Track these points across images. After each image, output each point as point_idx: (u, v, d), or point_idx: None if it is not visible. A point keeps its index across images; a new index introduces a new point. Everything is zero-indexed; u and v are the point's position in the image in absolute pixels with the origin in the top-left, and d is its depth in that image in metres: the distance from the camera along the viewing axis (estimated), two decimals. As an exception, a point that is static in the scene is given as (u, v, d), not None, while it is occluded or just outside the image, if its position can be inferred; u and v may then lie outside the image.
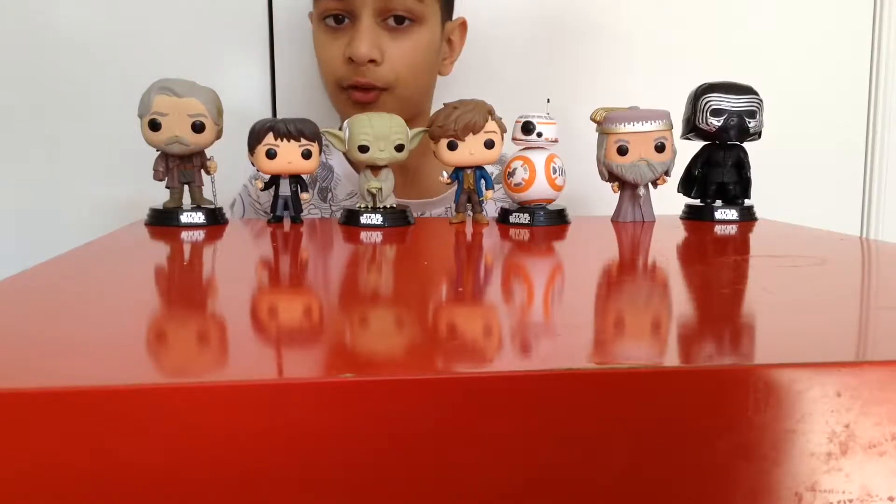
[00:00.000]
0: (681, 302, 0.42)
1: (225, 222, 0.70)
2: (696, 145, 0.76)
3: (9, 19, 1.00)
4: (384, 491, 0.26)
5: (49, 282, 0.44)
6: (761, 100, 0.72)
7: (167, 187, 0.69)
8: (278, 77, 1.05)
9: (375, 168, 0.69)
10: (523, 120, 0.71)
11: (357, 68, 0.84)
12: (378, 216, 0.69)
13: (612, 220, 0.73)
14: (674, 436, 0.27)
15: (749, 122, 0.71)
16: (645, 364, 0.27)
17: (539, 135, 0.70)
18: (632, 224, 0.72)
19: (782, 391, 0.27)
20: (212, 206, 0.70)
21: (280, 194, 0.69)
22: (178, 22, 1.02)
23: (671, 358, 0.31)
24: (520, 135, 0.71)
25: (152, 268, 0.53)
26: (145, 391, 0.25)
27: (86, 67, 1.02)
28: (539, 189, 0.71)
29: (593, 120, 0.71)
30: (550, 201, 0.72)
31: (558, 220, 0.71)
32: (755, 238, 0.66)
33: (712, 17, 1.10)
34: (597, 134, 0.72)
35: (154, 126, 0.65)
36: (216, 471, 0.25)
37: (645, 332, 0.34)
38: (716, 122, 0.71)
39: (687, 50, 1.09)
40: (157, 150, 0.68)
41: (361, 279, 0.50)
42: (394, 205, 0.71)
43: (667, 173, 0.70)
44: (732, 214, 0.73)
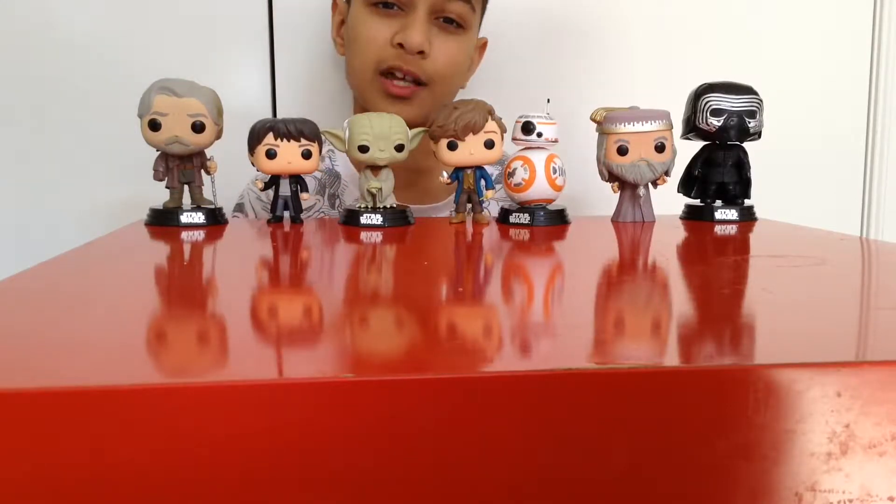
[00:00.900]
0: (681, 302, 0.42)
1: (225, 222, 0.70)
2: (696, 145, 0.76)
3: (9, 19, 1.00)
4: (384, 491, 0.26)
5: (49, 282, 0.44)
6: (761, 100, 0.72)
7: (167, 187, 0.69)
8: (278, 77, 1.05)
9: (375, 168, 0.69)
10: (523, 120, 0.71)
11: (403, 55, 0.85)
12: (378, 216, 0.69)
13: (612, 220, 0.73)
14: (674, 436, 0.27)
15: (749, 122, 0.71)
16: (645, 364, 0.27)
17: (539, 135, 0.70)
18: (632, 224, 0.72)
19: (782, 391, 0.27)
20: (212, 206, 0.70)
21: (280, 194, 0.69)
22: (178, 22, 1.02)
23: (671, 358, 0.31)
24: (520, 135, 0.71)
25: (152, 268, 0.53)
26: (145, 391, 0.25)
27: (86, 67, 1.02)
28: (539, 189, 0.71)
29: (593, 120, 0.71)
30: (550, 201, 0.72)
31: (558, 220, 0.71)
32: (755, 238, 0.66)
33: (712, 17, 1.10)
34: (597, 134, 0.72)
35: (154, 126, 0.65)
36: (216, 471, 0.25)
37: (645, 332, 0.34)
38: (716, 122, 0.71)
39: (687, 50, 1.09)
40: (157, 150, 0.68)
41: (361, 279, 0.50)
42: (394, 205, 0.71)
43: (667, 173, 0.70)
44: (732, 214, 0.73)
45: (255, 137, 0.66)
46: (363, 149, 0.67)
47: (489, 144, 0.69)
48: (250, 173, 0.93)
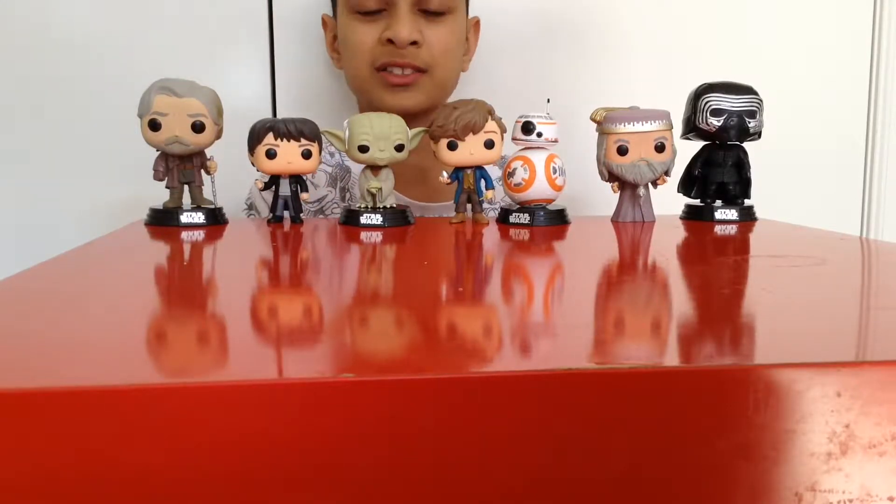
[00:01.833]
0: (681, 302, 0.42)
1: (225, 222, 0.70)
2: (696, 145, 0.76)
3: (9, 19, 1.00)
4: (384, 491, 0.26)
5: (49, 282, 0.44)
6: (761, 100, 0.72)
7: (167, 187, 0.69)
8: (278, 77, 1.05)
9: (375, 168, 0.69)
10: (523, 120, 0.71)
11: (395, 50, 0.86)
12: (378, 216, 0.69)
13: (612, 220, 0.73)
14: (674, 436, 0.27)
15: (749, 122, 0.71)
16: (645, 364, 0.27)
17: (539, 135, 0.70)
18: (632, 224, 0.72)
19: (782, 391, 0.27)
20: (212, 206, 0.70)
21: (280, 194, 0.69)
22: (178, 22, 1.02)
23: (671, 358, 0.31)
24: (520, 135, 0.71)
25: (152, 268, 0.53)
26: (145, 391, 0.25)
27: (86, 67, 1.02)
28: (539, 189, 0.71)
29: (593, 120, 0.71)
30: (550, 201, 0.72)
31: (558, 220, 0.71)
32: (755, 238, 0.66)
33: (712, 17, 1.10)
34: (597, 134, 0.72)
35: (154, 126, 0.65)
36: (216, 471, 0.25)
37: (645, 332, 0.34)
38: (716, 122, 0.71)
39: (687, 50, 1.09)
40: (157, 150, 0.68)
41: (361, 279, 0.50)
42: (394, 205, 0.71)
43: (667, 173, 0.70)
44: (732, 214, 0.73)
45: (255, 137, 0.66)
46: (363, 149, 0.67)
47: (489, 144, 0.69)
48: (250, 173, 0.92)
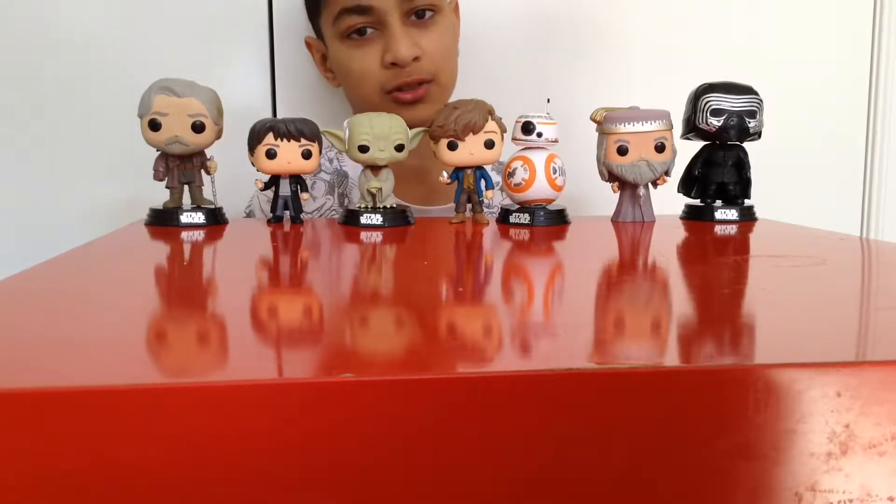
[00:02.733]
0: (681, 302, 0.42)
1: (225, 222, 0.70)
2: (696, 145, 0.76)
3: (9, 19, 1.00)
4: (384, 491, 0.26)
5: (49, 282, 0.44)
6: (761, 100, 0.72)
7: (167, 187, 0.69)
8: (278, 77, 1.05)
9: (375, 168, 0.69)
10: (523, 120, 0.71)
11: (401, 71, 0.85)
12: (378, 216, 0.69)
13: (612, 220, 0.73)
14: (674, 436, 0.27)
15: (749, 122, 0.71)
16: (645, 364, 0.27)
17: (539, 135, 0.70)
18: (632, 224, 0.72)
19: (782, 391, 0.27)
20: (212, 206, 0.70)
21: (280, 194, 0.69)
22: (178, 22, 1.02)
23: (671, 358, 0.31)
24: (520, 135, 0.71)
25: (152, 268, 0.53)
26: (145, 391, 0.25)
27: (86, 67, 1.02)
28: (539, 189, 0.71)
29: (593, 120, 0.71)
30: (550, 201, 0.72)
31: (558, 220, 0.71)
32: (755, 238, 0.66)
33: (712, 17, 1.10)
34: (597, 134, 0.72)
35: (154, 126, 0.65)
36: (216, 471, 0.25)
37: (645, 332, 0.34)
38: (716, 122, 0.71)
39: (687, 50, 1.09)
40: (157, 150, 0.68)
41: (361, 279, 0.50)
42: (394, 205, 0.71)
43: (667, 173, 0.70)
44: (732, 214, 0.73)
45: (255, 137, 0.66)
46: (363, 149, 0.67)
47: (489, 144, 0.69)
48: (250, 173, 0.92)
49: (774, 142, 0.88)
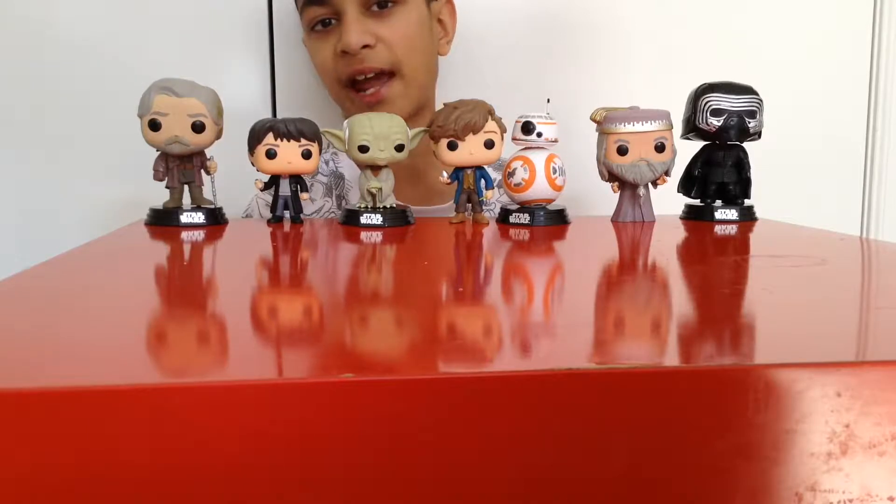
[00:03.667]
0: (681, 302, 0.42)
1: (225, 222, 0.70)
2: (696, 145, 0.76)
3: (9, 19, 1.00)
4: (384, 491, 0.26)
5: (49, 282, 0.44)
6: (761, 100, 0.72)
7: (167, 187, 0.69)
8: (278, 77, 1.05)
9: (375, 168, 0.69)
10: (523, 120, 0.71)
11: (352, 59, 0.85)
12: (378, 216, 0.69)
13: (612, 220, 0.73)
14: (674, 436, 0.27)
15: (749, 122, 0.71)
16: (645, 364, 0.27)
17: (539, 135, 0.70)
18: (632, 224, 0.72)
19: (782, 391, 0.27)
20: (212, 206, 0.70)
21: (280, 194, 0.69)
22: (178, 22, 1.02)
23: (671, 358, 0.31)
24: (520, 135, 0.71)
25: (152, 268, 0.53)
26: (145, 391, 0.25)
27: (86, 67, 1.02)
28: (539, 189, 0.71)
29: (593, 120, 0.71)
30: (550, 201, 0.72)
31: (558, 220, 0.71)
32: (755, 238, 0.66)
33: (712, 17, 1.10)
34: (597, 134, 0.72)
35: (154, 126, 0.65)
36: (217, 471, 0.25)
37: (645, 332, 0.34)
38: (716, 122, 0.71)
39: (687, 50, 1.09)
40: (157, 150, 0.68)
41: (361, 279, 0.50)
42: (394, 205, 0.71)
43: (667, 173, 0.70)
44: (732, 214, 0.73)
45: (255, 137, 0.66)
46: (363, 149, 0.67)
47: (489, 144, 0.69)
48: (250, 173, 0.93)
49: (774, 142, 0.88)
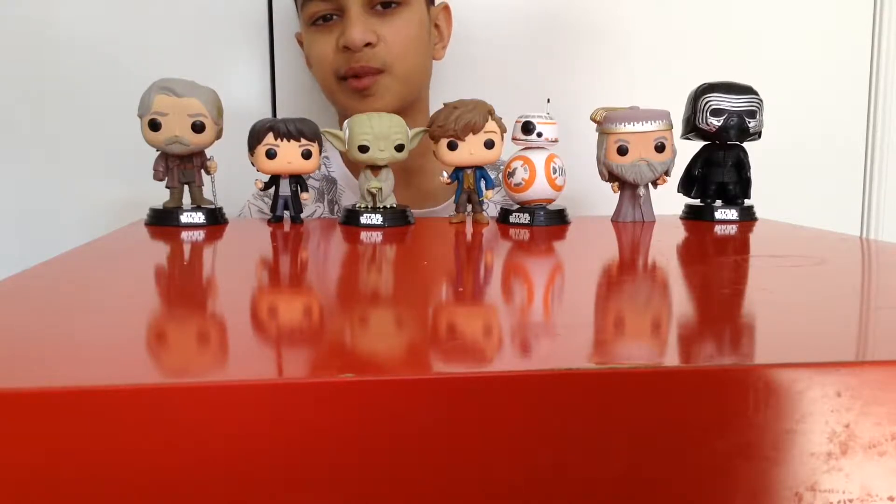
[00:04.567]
0: (681, 302, 0.42)
1: (225, 222, 0.70)
2: (696, 145, 0.76)
3: (9, 19, 1.00)
4: (384, 491, 0.26)
5: (49, 282, 0.44)
6: (761, 100, 0.72)
7: (167, 187, 0.69)
8: (278, 77, 1.05)
9: (375, 168, 0.69)
10: (523, 120, 0.71)
11: (352, 55, 0.85)
12: (378, 216, 0.69)
13: (612, 220, 0.73)
14: (674, 436, 0.27)
15: (749, 122, 0.71)
16: (645, 364, 0.27)
17: (539, 135, 0.70)
18: (632, 224, 0.72)
19: (782, 391, 0.27)
20: (212, 206, 0.70)
21: (280, 194, 0.69)
22: (178, 22, 1.02)
23: (671, 358, 0.31)
24: (520, 135, 0.71)
25: (152, 268, 0.53)
26: (145, 391, 0.25)
27: (86, 67, 1.02)
28: (539, 189, 0.71)
29: (593, 120, 0.71)
30: (550, 201, 0.72)
31: (558, 220, 0.71)
32: (755, 238, 0.66)
33: (712, 17, 1.10)
34: (597, 134, 0.72)
35: (154, 126, 0.65)
36: (216, 471, 0.25)
37: (645, 332, 0.34)
38: (716, 122, 0.71)
39: (687, 50, 1.09)
40: (157, 150, 0.68)
41: (361, 279, 0.50)
42: (394, 205, 0.71)
43: (667, 173, 0.70)
44: (732, 214, 0.73)
45: (255, 137, 0.66)
46: (363, 149, 0.67)
47: (489, 144, 0.69)
48: (250, 173, 0.93)
49: (774, 142, 0.88)
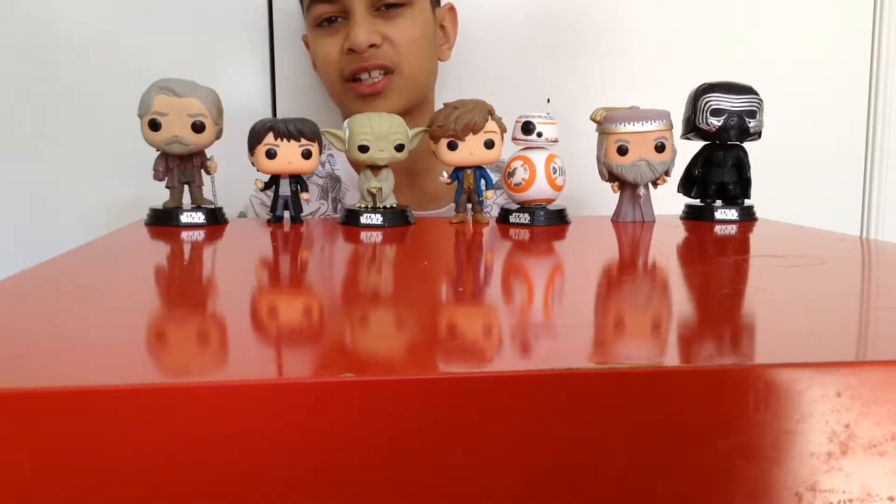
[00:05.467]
0: (681, 302, 0.42)
1: (225, 222, 0.70)
2: (696, 145, 0.76)
3: (9, 19, 1.00)
4: (384, 491, 0.26)
5: (49, 282, 0.44)
6: (761, 100, 0.72)
7: (167, 187, 0.69)
8: (278, 77, 1.05)
9: (375, 168, 0.69)
10: (523, 120, 0.71)
11: (358, 56, 0.86)
12: (378, 216, 0.69)
13: (612, 220, 0.73)
14: (674, 436, 0.27)
15: (749, 122, 0.71)
16: (645, 364, 0.27)
17: (539, 135, 0.70)
18: (632, 224, 0.72)
19: (782, 391, 0.27)
20: (212, 206, 0.70)
21: (280, 194, 0.69)
22: (178, 22, 1.02)
23: (671, 358, 0.31)
24: (520, 135, 0.71)
25: (152, 268, 0.53)
26: (145, 391, 0.25)
27: (86, 67, 1.02)
28: (539, 189, 0.71)
29: (593, 120, 0.71)
30: (550, 201, 0.72)
31: (558, 220, 0.71)
32: (755, 238, 0.66)
33: (712, 17, 1.10)
34: (597, 134, 0.72)
35: (154, 126, 0.65)
36: (216, 471, 0.25)
37: (645, 332, 0.34)
38: (716, 122, 0.71)
39: (687, 50, 1.09)
40: (157, 150, 0.68)
41: (361, 279, 0.50)
42: (394, 205, 0.71)
43: (667, 173, 0.70)
44: (732, 214, 0.73)
45: (255, 137, 0.66)
46: (363, 149, 0.67)
47: (489, 144, 0.69)
48: (250, 173, 0.93)
49: (774, 142, 0.88)
